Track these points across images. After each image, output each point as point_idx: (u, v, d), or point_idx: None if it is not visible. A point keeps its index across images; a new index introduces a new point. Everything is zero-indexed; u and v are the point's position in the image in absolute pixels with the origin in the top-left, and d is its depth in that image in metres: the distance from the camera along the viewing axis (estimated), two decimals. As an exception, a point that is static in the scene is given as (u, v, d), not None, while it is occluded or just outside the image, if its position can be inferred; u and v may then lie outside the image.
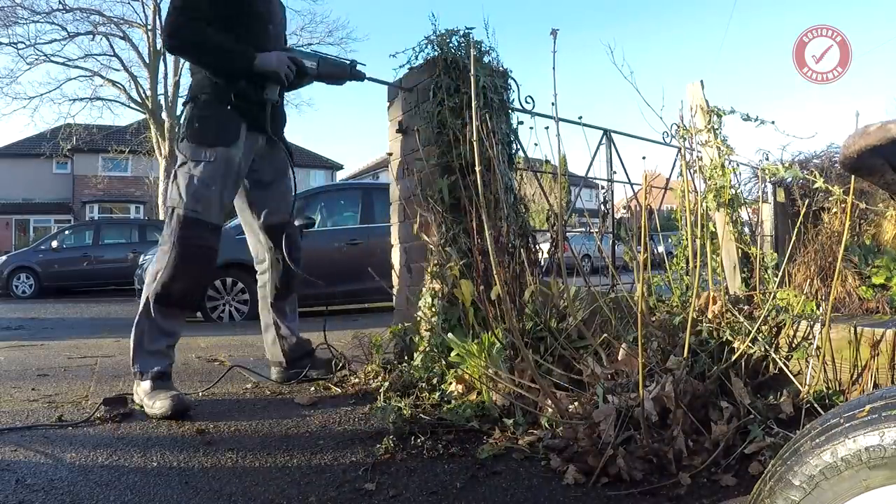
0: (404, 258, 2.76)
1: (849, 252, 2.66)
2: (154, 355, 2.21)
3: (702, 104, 2.59)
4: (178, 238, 2.20)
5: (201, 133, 2.25)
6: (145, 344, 2.20)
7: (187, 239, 2.21)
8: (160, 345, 2.22)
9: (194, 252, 2.23)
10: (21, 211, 24.59)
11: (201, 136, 2.25)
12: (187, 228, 2.21)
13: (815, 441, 0.67)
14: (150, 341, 2.21)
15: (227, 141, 2.27)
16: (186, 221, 2.21)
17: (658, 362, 1.89)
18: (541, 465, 1.61)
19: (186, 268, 2.21)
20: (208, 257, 2.30)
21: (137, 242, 12.16)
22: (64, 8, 16.40)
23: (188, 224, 2.21)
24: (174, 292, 2.21)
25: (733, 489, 1.43)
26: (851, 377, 1.84)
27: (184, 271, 2.21)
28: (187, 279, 2.24)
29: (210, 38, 2.21)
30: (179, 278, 2.20)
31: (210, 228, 2.27)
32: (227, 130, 2.28)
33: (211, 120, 2.27)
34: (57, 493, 1.45)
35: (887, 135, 0.71)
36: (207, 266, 2.33)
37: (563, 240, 2.30)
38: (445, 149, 2.43)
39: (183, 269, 2.20)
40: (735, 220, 2.60)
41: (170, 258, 2.19)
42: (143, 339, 2.21)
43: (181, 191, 2.23)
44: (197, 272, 2.29)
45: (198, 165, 2.23)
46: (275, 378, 2.64)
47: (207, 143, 2.25)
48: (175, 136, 2.37)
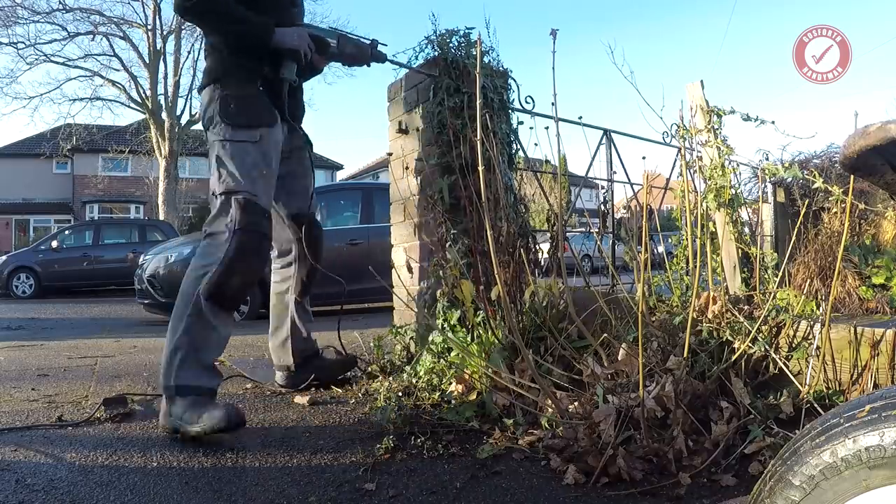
0: (404, 258, 2.76)
1: (849, 252, 2.66)
2: (205, 370, 1.91)
3: (702, 104, 2.59)
4: (240, 225, 1.94)
5: (240, 115, 2.05)
6: (193, 354, 1.88)
7: (249, 226, 1.96)
8: (212, 355, 1.95)
9: (255, 241, 1.99)
10: (21, 211, 24.59)
11: (241, 117, 2.05)
12: (250, 214, 1.97)
13: (815, 441, 0.67)
14: (201, 350, 1.90)
15: (270, 121, 2.11)
16: (248, 206, 1.97)
17: (658, 362, 1.89)
18: (541, 465, 1.61)
19: (247, 259, 1.97)
20: (267, 250, 2.11)
21: (137, 242, 12.16)
22: (64, 8, 16.40)
23: (250, 209, 1.97)
24: (232, 288, 1.94)
25: (733, 489, 1.43)
26: (851, 377, 1.84)
27: (244, 262, 1.96)
28: (247, 273, 1.99)
29: (229, 3, 2.01)
30: (239, 271, 1.94)
31: (267, 217, 2.07)
32: (265, 110, 2.11)
33: (248, 100, 2.08)
34: (57, 493, 1.45)
35: (887, 135, 0.71)
36: (264, 260, 2.10)
37: (563, 240, 2.30)
38: (445, 149, 2.43)
39: (244, 260, 1.95)
40: (735, 220, 2.60)
41: (229, 248, 1.92)
42: (190, 348, 1.88)
43: (234, 174, 2.00)
44: (256, 265, 2.04)
45: (244, 146, 2.04)
46: (280, 383, 2.49)
47: (249, 124, 2.06)
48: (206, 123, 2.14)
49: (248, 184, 2.01)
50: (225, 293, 1.93)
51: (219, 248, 1.96)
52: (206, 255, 1.99)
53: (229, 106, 2.05)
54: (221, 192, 2.02)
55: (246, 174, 2.02)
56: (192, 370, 1.88)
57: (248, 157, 2.04)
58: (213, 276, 1.91)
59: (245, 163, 2.03)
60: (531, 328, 2.23)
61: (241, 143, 2.04)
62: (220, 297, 1.93)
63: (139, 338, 4.54)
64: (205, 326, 1.91)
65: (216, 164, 2.06)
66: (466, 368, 2.12)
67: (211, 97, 2.10)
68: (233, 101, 2.06)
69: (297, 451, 1.77)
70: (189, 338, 1.89)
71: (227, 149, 2.04)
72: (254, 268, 2.04)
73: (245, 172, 2.02)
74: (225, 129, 2.05)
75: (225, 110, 2.05)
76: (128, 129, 20.25)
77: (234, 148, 2.04)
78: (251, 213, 1.98)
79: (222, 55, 2.11)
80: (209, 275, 1.92)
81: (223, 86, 2.08)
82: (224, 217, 1.99)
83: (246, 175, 2.02)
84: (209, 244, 2.01)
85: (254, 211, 1.99)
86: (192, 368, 1.88)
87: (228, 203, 1.99)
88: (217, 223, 2.01)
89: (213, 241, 2.00)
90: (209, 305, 1.91)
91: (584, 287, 2.34)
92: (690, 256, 2.57)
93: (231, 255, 1.93)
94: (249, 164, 2.04)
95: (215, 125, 2.07)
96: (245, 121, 2.06)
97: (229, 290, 1.94)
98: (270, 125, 2.11)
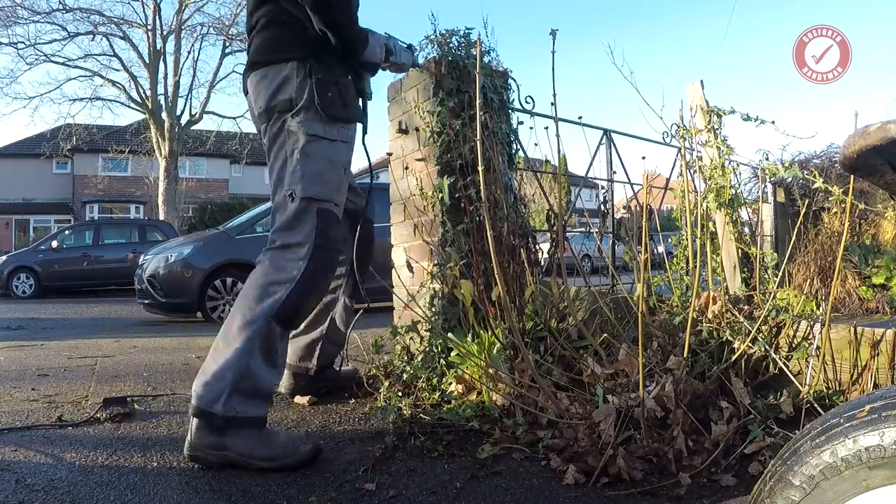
0: (404, 258, 2.76)
1: (849, 252, 2.66)
2: (261, 397, 1.66)
3: (702, 104, 2.59)
4: (322, 241, 1.71)
5: (341, 104, 1.75)
6: (250, 380, 1.62)
7: (331, 241, 1.75)
8: (268, 380, 1.68)
9: (334, 258, 1.79)
10: (21, 211, 24.60)
11: (341, 109, 1.75)
12: (331, 228, 1.74)
13: (815, 441, 0.67)
14: (258, 376, 1.64)
15: (361, 117, 1.86)
16: (330, 219, 1.74)
17: (658, 362, 1.90)
18: (541, 465, 1.61)
19: (326, 278, 1.78)
20: (337, 264, 1.91)
21: (137, 242, 12.16)
22: (64, 8, 16.41)
23: (332, 222, 1.75)
24: (306, 309, 1.76)
25: (733, 489, 1.43)
26: (851, 377, 1.84)
27: (324, 283, 1.77)
28: (322, 293, 1.81)
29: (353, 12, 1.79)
30: (316, 292, 1.76)
31: (341, 226, 1.86)
32: (357, 105, 1.85)
33: (347, 89, 1.79)
34: (57, 493, 1.45)
35: (887, 135, 0.71)
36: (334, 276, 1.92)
37: (563, 240, 2.30)
38: (445, 149, 2.43)
39: (323, 278, 1.76)
40: (735, 220, 2.60)
41: (308, 267, 1.68)
42: (248, 373, 1.62)
43: (320, 177, 1.73)
44: (329, 283, 1.86)
45: (334, 145, 1.76)
46: (287, 387, 2.30)
47: (348, 118, 1.79)
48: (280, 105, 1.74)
49: (333, 191, 1.76)
50: (298, 316, 1.75)
51: (294, 263, 1.70)
52: (277, 269, 1.71)
53: (327, 93, 1.72)
54: (303, 196, 1.72)
55: (332, 180, 1.77)
56: (245, 397, 1.62)
57: (338, 158, 1.78)
58: (289, 298, 1.66)
59: (335, 165, 1.77)
60: (531, 328, 2.23)
61: (333, 143, 1.76)
62: (293, 321, 1.74)
63: (139, 338, 4.54)
64: (269, 351, 1.66)
65: (299, 159, 1.72)
66: (466, 368, 2.12)
67: (290, 76, 1.73)
68: (333, 87, 1.74)
69: (297, 451, 1.76)
70: (247, 362, 1.63)
71: (318, 145, 1.73)
72: (327, 286, 1.87)
73: (333, 177, 1.77)
74: (317, 120, 1.73)
75: (323, 97, 1.71)
76: (128, 129, 20.27)
77: (325, 146, 1.74)
78: (333, 226, 1.76)
79: (306, 28, 1.73)
80: (280, 294, 1.66)
81: (316, 66, 1.73)
82: (302, 227, 1.72)
83: (332, 181, 1.77)
84: (281, 256, 1.72)
85: (334, 223, 1.77)
86: (245, 399, 1.62)
87: (309, 211, 1.72)
88: (293, 234, 1.72)
89: (286, 255, 1.72)
90: (280, 330, 1.68)
91: (584, 287, 2.34)
92: (690, 256, 2.57)
93: (311, 275, 1.69)
94: (339, 167, 1.79)
95: (302, 111, 1.72)
96: (344, 113, 1.77)
97: (301, 314, 1.77)
98: (363, 121, 1.88)
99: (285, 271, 1.69)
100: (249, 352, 1.63)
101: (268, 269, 1.72)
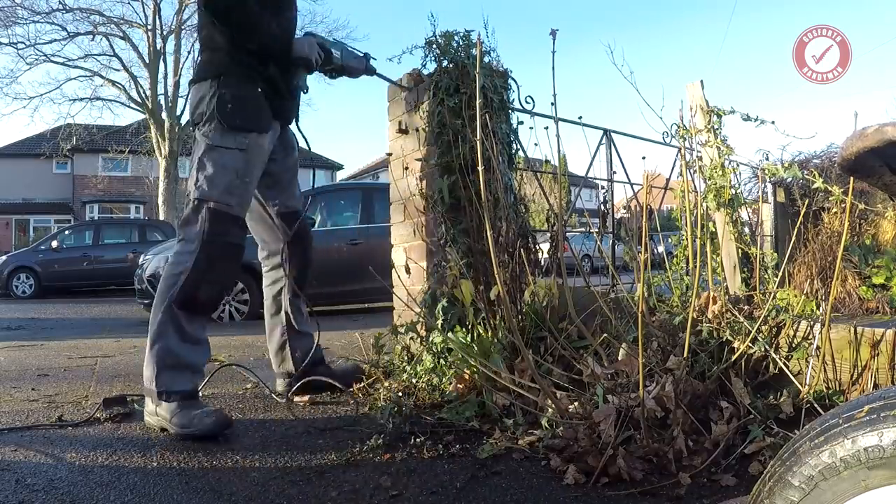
0: (404, 258, 2.76)
1: (849, 252, 2.66)
2: (183, 371, 1.95)
3: (702, 104, 2.60)
4: (209, 235, 1.97)
5: (236, 115, 2.02)
6: (171, 359, 1.93)
7: (219, 236, 1.99)
8: (190, 358, 1.98)
9: (225, 250, 2.02)
10: (21, 211, 24.60)
11: (236, 119, 2.02)
12: (219, 224, 1.99)
13: (814, 441, 0.67)
14: (178, 354, 1.95)
15: (263, 127, 2.09)
16: (218, 216, 1.99)
17: (658, 362, 1.90)
18: (541, 465, 1.61)
19: (216, 268, 2.01)
20: (238, 256, 2.10)
21: (137, 242, 12.17)
22: (64, 8, 16.42)
23: (220, 219, 1.99)
24: (201, 296, 1.99)
25: (733, 489, 1.43)
26: (851, 377, 1.84)
27: (213, 272, 2.00)
28: (217, 280, 2.04)
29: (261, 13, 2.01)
30: (208, 280, 1.99)
31: (240, 224, 2.09)
32: (261, 115, 2.09)
33: (247, 102, 2.04)
34: (57, 493, 1.45)
35: (884, 137, 0.72)
36: (235, 266, 2.13)
37: (563, 240, 2.30)
38: (445, 149, 2.43)
39: (212, 269, 1.99)
40: (735, 220, 2.60)
41: (198, 258, 1.96)
42: (168, 353, 1.93)
43: (211, 181, 2.00)
44: (226, 272, 2.10)
45: (230, 152, 2.02)
46: (280, 390, 2.40)
47: (243, 128, 2.03)
48: (196, 118, 2.10)
49: (223, 193, 2.01)
50: (196, 301, 1.98)
51: (188, 256, 1.98)
52: (176, 262, 2.01)
53: (226, 105, 2.01)
54: (195, 197, 2.01)
55: (224, 182, 2.01)
56: (170, 376, 1.92)
57: (230, 164, 2.02)
58: (183, 286, 1.95)
59: (226, 170, 2.02)
60: (531, 328, 2.23)
61: (227, 150, 2.02)
62: (192, 305, 1.98)
63: (139, 338, 4.52)
64: (178, 333, 1.95)
65: (196, 166, 2.04)
66: (466, 368, 2.12)
67: (206, 93, 2.05)
68: (231, 100, 2.02)
69: (297, 451, 1.77)
70: (165, 343, 1.93)
71: (212, 153, 2.02)
72: (223, 276, 2.09)
73: (223, 181, 2.01)
74: (215, 129, 2.02)
75: (222, 109, 2.01)
76: (128, 129, 20.25)
77: (218, 153, 2.02)
78: (221, 222, 1.99)
79: (222, 53, 2.06)
80: (178, 283, 1.95)
81: (223, 83, 2.03)
82: (194, 224, 2.00)
83: (223, 183, 2.01)
84: (180, 251, 2.02)
85: (224, 220, 2.00)
86: (170, 375, 1.92)
87: (200, 210, 2.00)
88: (188, 229, 2.02)
89: (182, 248, 2.02)
90: (182, 313, 1.96)
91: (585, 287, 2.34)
92: (690, 256, 2.57)
93: (199, 265, 1.96)
94: (230, 172, 2.02)
95: (205, 123, 2.04)
96: (240, 122, 2.03)
97: (200, 299, 1.99)
98: (264, 130, 2.11)
99: (181, 264, 1.98)
100: (165, 335, 1.94)
101: (171, 264, 2.03)
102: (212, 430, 1.85)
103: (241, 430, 1.95)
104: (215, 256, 2.00)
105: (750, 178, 3.58)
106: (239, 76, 2.06)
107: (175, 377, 1.93)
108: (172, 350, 1.94)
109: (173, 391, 1.90)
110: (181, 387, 1.93)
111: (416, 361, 2.43)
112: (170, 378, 1.92)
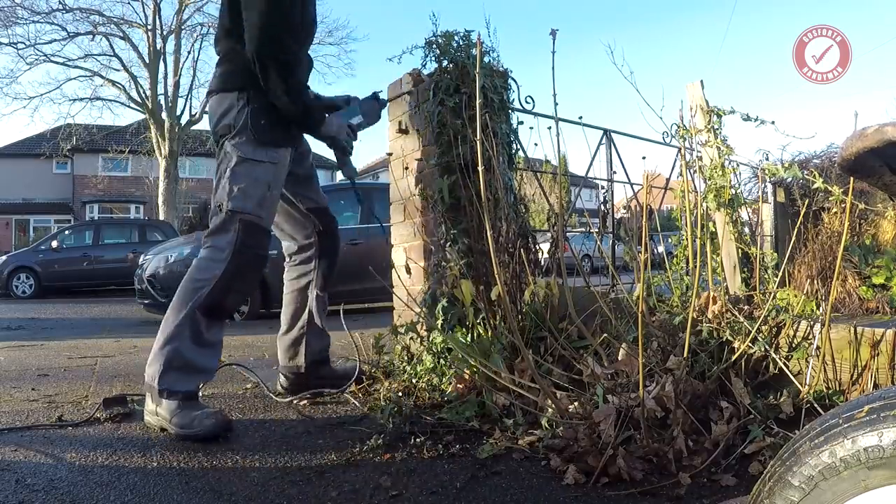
0: (404, 258, 2.76)
1: (849, 252, 2.66)
2: (189, 374, 1.96)
3: (702, 104, 2.60)
4: (241, 246, 2.00)
5: (268, 130, 2.05)
6: (180, 361, 1.94)
7: (250, 248, 2.03)
8: (201, 361, 1.99)
9: (255, 261, 2.07)
10: (21, 211, 24.61)
11: (268, 135, 2.05)
12: (251, 236, 2.03)
13: (814, 441, 0.67)
14: (188, 358, 1.95)
15: (291, 142, 2.16)
16: (251, 228, 2.03)
17: (658, 362, 1.90)
18: (541, 465, 1.61)
19: (246, 278, 2.07)
20: (263, 266, 2.14)
21: (137, 242, 12.17)
22: (64, 8, 16.43)
23: (253, 231, 2.03)
24: (227, 303, 2.04)
25: (733, 489, 1.43)
26: (851, 377, 1.84)
27: (242, 281, 2.06)
28: (243, 290, 2.11)
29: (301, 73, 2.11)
30: (236, 288, 2.04)
31: (268, 235, 2.14)
32: (290, 131, 2.15)
33: (280, 117, 2.08)
34: (57, 493, 1.45)
35: (884, 137, 0.72)
36: (259, 275, 2.18)
37: (563, 240, 2.30)
38: (445, 149, 2.43)
39: (242, 279, 2.05)
40: (735, 220, 2.60)
41: (228, 267, 1.98)
42: (178, 355, 1.94)
43: (245, 193, 2.02)
44: (253, 282, 2.17)
45: (262, 166, 2.05)
46: (283, 386, 2.41)
47: (273, 143, 2.07)
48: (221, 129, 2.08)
49: (256, 206, 2.04)
50: (221, 308, 2.02)
51: (217, 264, 1.99)
52: (204, 268, 2.01)
53: (260, 121, 2.03)
54: (230, 209, 2.02)
55: (257, 196, 2.04)
56: (177, 374, 1.93)
57: (262, 177, 2.05)
58: (210, 293, 1.96)
59: (259, 184, 2.04)
60: (531, 328, 2.23)
61: (259, 164, 2.05)
62: (216, 312, 2.00)
63: (139, 338, 4.54)
64: (195, 337, 1.96)
65: (229, 177, 2.04)
66: (466, 368, 2.12)
67: (232, 105, 2.05)
68: (265, 116, 2.04)
69: (297, 451, 1.77)
70: (178, 345, 1.94)
71: (244, 164, 2.03)
72: (249, 285, 2.15)
73: (256, 193, 2.04)
74: (249, 143, 2.04)
75: (255, 123, 2.03)
76: (128, 129, 20.25)
77: (252, 167, 2.04)
78: (253, 234, 2.03)
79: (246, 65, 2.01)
80: (205, 289, 1.96)
81: (253, 97, 2.04)
82: (226, 234, 2.02)
83: (257, 196, 2.04)
84: (208, 258, 2.02)
85: (256, 232, 2.04)
86: (177, 373, 1.93)
87: (234, 221, 2.01)
88: (219, 238, 2.03)
89: (211, 256, 2.02)
90: (204, 319, 1.97)
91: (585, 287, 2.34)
92: (690, 256, 2.57)
93: (229, 274, 1.99)
94: (263, 185, 2.05)
95: (237, 135, 2.04)
96: (273, 139, 2.07)
97: (225, 306, 2.03)
98: (293, 147, 2.17)
99: (209, 271, 1.99)
100: (179, 337, 1.94)
101: (197, 269, 2.03)
102: (212, 432, 1.86)
103: (241, 430, 1.96)
104: (245, 267, 2.04)
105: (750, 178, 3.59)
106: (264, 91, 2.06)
107: (179, 378, 1.94)
108: (183, 354, 1.94)
109: (175, 390, 1.92)
110: (183, 387, 1.94)
111: (416, 361, 2.43)
112: (174, 378, 1.93)
